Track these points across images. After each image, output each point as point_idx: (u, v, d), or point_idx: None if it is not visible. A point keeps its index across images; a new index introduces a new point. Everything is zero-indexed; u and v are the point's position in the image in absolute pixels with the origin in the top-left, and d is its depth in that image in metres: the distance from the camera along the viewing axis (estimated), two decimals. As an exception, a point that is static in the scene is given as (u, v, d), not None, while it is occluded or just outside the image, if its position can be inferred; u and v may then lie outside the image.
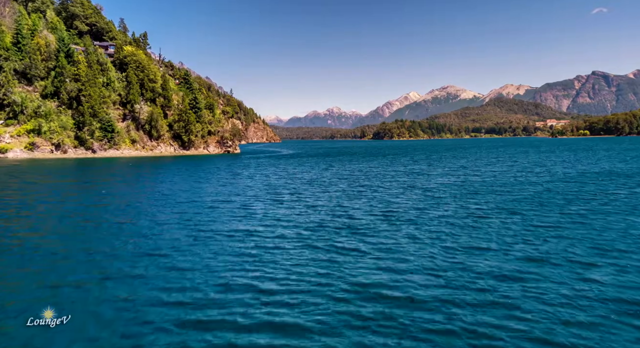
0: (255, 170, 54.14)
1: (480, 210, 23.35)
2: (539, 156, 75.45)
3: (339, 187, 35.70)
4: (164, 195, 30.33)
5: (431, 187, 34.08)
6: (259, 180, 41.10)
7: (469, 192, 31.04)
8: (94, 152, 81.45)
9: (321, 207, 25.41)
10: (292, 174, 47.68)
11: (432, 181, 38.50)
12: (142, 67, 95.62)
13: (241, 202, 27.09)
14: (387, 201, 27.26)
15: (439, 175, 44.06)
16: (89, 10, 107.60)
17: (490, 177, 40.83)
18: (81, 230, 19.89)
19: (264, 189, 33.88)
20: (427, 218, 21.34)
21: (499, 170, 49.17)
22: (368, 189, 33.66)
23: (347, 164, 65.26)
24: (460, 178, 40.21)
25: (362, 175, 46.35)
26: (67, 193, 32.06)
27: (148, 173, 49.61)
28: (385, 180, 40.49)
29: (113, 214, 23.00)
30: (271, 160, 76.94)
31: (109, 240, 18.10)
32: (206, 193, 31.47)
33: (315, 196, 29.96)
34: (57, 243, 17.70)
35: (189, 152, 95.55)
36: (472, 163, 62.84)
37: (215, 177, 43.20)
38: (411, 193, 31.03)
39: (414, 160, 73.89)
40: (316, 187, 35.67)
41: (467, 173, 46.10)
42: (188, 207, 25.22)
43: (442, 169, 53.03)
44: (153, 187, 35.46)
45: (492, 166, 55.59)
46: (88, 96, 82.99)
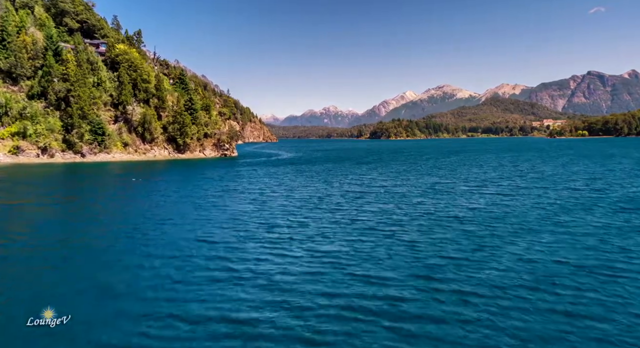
0: (250, 182, 46.51)
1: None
2: (564, 168, 60.11)
3: (352, 214, 27.32)
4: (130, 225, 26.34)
5: (487, 226, 23.52)
6: (252, 201, 32.89)
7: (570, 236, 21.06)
8: (83, 157, 77.00)
9: (334, 260, 17.39)
10: (291, 190, 39.97)
11: (482, 215, 26.79)
12: (135, 67, 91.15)
13: (225, 245, 19.68)
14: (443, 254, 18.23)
15: (492, 202, 31.59)
16: (79, 7, 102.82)
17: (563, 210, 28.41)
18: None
19: (256, 220, 25.72)
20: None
21: (557, 196, 34.19)
22: (396, 225, 23.73)
23: (351, 175, 54.44)
24: (522, 205, 30.00)
25: (381, 195, 35.86)
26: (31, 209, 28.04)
27: (124, 186, 45.48)
28: (420, 206, 30.44)
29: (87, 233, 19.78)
30: (268, 168, 68.48)
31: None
32: (182, 225, 23.93)
33: (323, 236, 21.49)
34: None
35: (184, 156, 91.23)
36: (499, 174, 52.55)
37: (201, 195, 36.20)
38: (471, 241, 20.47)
39: (435, 168, 64.25)
40: (322, 214, 27.45)
41: (517, 193, 35.78)
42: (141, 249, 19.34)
43: (480, 188, 39.94)
44: (122, 210, 31.41)
45: (530, 183, 42.88)
46: (77, 97, 78.52)
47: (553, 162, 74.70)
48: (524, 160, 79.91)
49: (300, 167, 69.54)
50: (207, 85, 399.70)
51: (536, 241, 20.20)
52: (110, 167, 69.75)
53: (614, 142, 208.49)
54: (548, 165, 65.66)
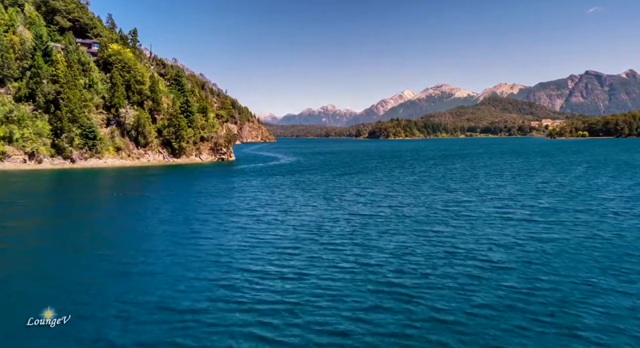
0: (241, 198, 41.35)
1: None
2: (587, 181, 53.85)
3: (357, 254, 22.12)
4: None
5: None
6: (240, 230, 27.88)
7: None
8: (73, 162, 73.44)
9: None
10: (286, 212, 34.53)
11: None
12: (129, 67, 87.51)
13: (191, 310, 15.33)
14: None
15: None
16: (71, 5, 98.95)
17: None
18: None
19: (239, 263, 20.81)
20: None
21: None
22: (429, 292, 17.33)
23: (354, 188, 48.87)
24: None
25: (390, 222, 30.32)
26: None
27: (99, 203, 42.06)
28: (438, 240, 24.71)
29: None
30: (264, 178, 60.68)
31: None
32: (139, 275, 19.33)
33: (325, 298, 16.49)
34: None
35: (179, 161, 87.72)
36: (520, 189, 46.29)
37: (183, 218, 31.64)
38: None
39: (445, 178, 59.03)
40: (321, 254, 22.47)
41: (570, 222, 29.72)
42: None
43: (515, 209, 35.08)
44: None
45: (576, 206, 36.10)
46: (67, 99, 74.91)
47: (571, 171, 67.75)
48: (537, 169, 73.66)
49: (298, 177, 63.41)
50: (204, 85, 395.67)
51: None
52: (100, 174, 66.26)
53: (617, 143, 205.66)
54: (567, 176, 60.18)
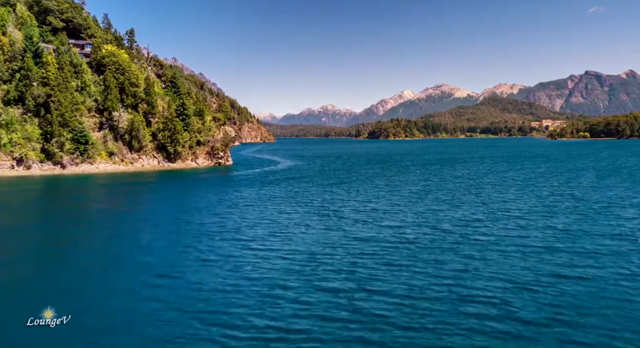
0: (227, 215, 37.03)
1: None
2: (633, 205, 41.66)
3: (356, 305, 18.14)
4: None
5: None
6: (221, 261, 24.05)
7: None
8: (64, 168, 70.89)
9: None
10: (274, 235, 30.50)
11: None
12: (123, 69, 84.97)
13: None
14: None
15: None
16: (64, 5, 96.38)
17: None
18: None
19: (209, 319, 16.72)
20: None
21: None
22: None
23: (353, 202, 43.92)
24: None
25: (396, 255, 25.28)
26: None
27: (66, 218, 39.54)
28: (460, 294, 19.39)
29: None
30: (259, 188, 56.03)
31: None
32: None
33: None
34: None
35: (175, 165, 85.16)
36: (549, 209, 39.35)
37: (159, 246, 27.47)
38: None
39: (456, 191, 51.34)
40: (313, 298, 18.76)
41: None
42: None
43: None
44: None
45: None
46: (57, 102, 72.36)
47: (581, 180, 61.16)
48: (545, 177, 66.92)
49: (294, 186, 58.91)
50: (203, 85, 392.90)
51: None
52: (89, 181, 63.74)
53: (620, 145, 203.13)
54: (579, 187, 53.36)
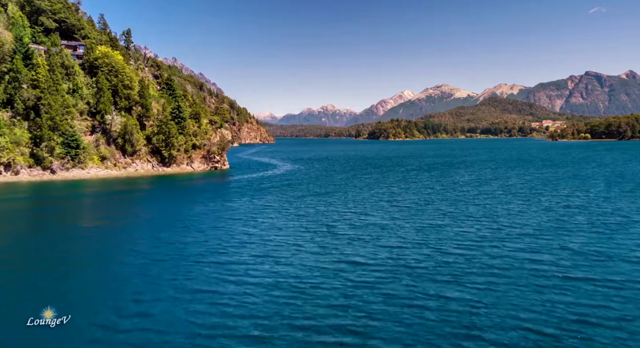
0: (210, 232, 33.40)
1: None
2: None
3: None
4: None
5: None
6: (191, 307, 19.19)
7: None
8: (53, 173, 68.67)
9: None
10: (266, 262, 26.13)
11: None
12: (116, 71, 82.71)
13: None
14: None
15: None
16: (57, 5, 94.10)
17: None
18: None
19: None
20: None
21: None
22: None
23: (350, 215, 39.01)
24: None
25: (402, 284, 22.19)
26: None
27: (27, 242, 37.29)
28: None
29: None
30: (251, 197, 51.44)
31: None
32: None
33: None
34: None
35: (169, 170, 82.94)
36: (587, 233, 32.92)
37: (126, 275, 23.84)
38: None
39: (470, 205, 45.39)
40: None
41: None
42: None
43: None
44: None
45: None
46: (48, 106, 70.16)
47: (590, 189, 56.56)
48: (552, 184, 61.33)
49: (289, 195, 54.20)
50: (202, 85, 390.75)
51: None
52: (78, 187, 61.50)
53: (622, 148, 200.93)
54: (589, 197, 49.42)
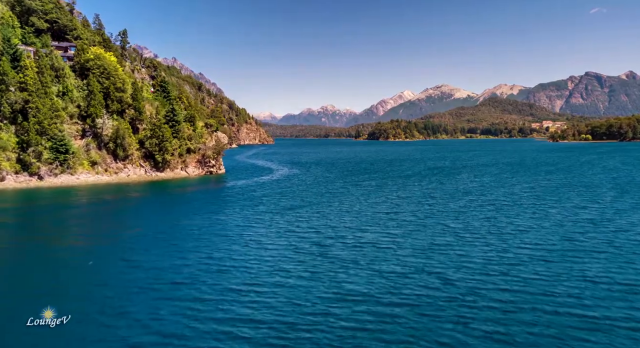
0: (193, 254, 30.11)
1: None
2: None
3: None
4: None
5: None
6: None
7: None
8: (41, 179, 66.17)
9: None
10: (248, 294, 23.00)
11: None
12: (108, 73, 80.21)
13: None
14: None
15: None
16: (48, 5, 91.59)
17: None
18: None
19: None
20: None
21: None
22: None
23: (344, 231, 35.52)
24: None
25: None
26: None
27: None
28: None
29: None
30: (243, 206, 49.38)
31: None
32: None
33: None
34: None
35: (163, 175, 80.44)
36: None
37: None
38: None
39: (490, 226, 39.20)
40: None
41: None
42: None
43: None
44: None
45: None
46: (35, 109, 67.65)
47: (598, 199, 52.94)
48: (558, 193, 57.86)
49: (283, 206, 50.54)
50: (201, 86, 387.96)
51: None
52: (63, 196, 58.94)
53: (625, 150, 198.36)
54: (599, 210, 45.12)
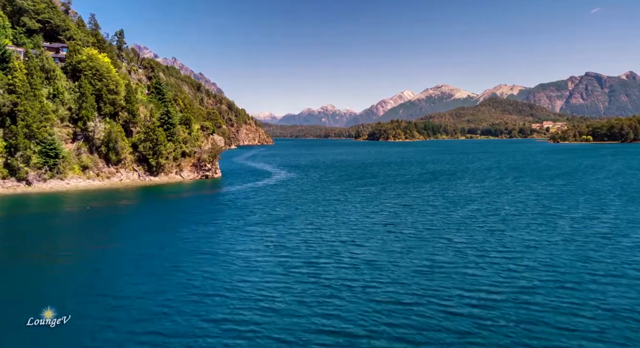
0: (174, 275, 27.41)
1: None
2: None
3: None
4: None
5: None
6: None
7: None
8: (29, 184, 64.00)
9: None
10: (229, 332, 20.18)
11: None
12: (101, 75, 78.04)
13: None
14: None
15: None
16: (40, 5, 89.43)
17: None
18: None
19: None
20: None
21: None
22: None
23: (342, 248, 34.29)
24: None
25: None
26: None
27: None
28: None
29: None
30: (235, 216, 47.19)
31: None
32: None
33: None
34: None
35: (157, 179, 78.26)
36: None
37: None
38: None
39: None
40: None
41: None
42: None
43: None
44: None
45: None
46: (24, 112, 65.50)
47: (607, 209, 50.21)
48: (564, 201, 54.82)
49: (277, 215, 48.37)
50: (200, 86, 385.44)
51: None
52: (51, 203, 56.81)
53: (627, 152, 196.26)
54: (608, 221, 43.36)
